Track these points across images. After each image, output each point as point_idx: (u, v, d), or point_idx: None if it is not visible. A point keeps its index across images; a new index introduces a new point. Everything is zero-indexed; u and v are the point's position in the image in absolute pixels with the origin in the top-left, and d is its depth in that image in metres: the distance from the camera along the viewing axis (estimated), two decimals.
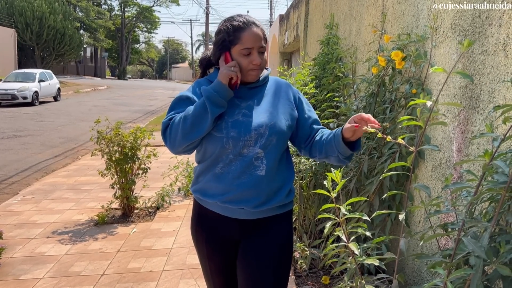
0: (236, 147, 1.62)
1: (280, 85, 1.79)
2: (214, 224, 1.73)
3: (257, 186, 1.63)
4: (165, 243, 3.87)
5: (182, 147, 1.63)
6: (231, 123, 1.63)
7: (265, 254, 1.70)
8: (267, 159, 1.63)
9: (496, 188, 1.26)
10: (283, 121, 1.69)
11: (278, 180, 1.69)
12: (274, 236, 1.73)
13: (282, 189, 1.71)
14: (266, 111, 1.68)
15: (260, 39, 1.65)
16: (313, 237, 3.45)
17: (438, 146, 1.94)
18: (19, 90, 16.15)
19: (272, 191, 1.68)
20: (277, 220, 1.74)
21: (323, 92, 4.09)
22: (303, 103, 1.79)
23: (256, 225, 1.71)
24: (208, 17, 37.58)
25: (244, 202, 1.64)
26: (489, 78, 1.85)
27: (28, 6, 27.97)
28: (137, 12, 50.80)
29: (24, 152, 8.03)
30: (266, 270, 1.69)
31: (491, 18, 1.86)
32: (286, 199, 1.73)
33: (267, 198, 1.67)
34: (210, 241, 1.76)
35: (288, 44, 10.32)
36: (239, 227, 1.70)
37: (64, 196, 5.32)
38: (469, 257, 1.25)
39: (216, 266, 1.79)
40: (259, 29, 1.66)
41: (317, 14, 6.00)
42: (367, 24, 3.54)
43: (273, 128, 1.64)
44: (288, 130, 1.70)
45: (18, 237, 3.94)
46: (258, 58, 1.64)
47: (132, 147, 4.35)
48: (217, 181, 1.66)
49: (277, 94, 1.75)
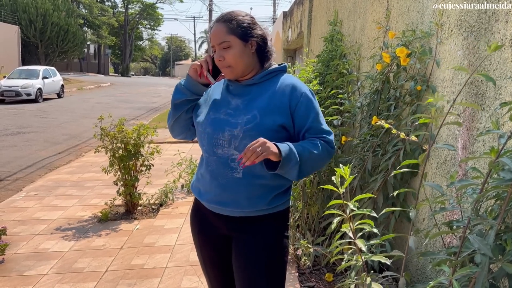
0: (210, 145, 1.64)
1: (282, 87, 1.65)
2: (206, 217, 1.77)
3: (234, 188, 1.62)
4: (168, 240, 3.87)
5: (170, 129, 1.84)
6: (211, 120, 1.67)
7: (253, 253, 1.67)
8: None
9: (502, 186, 1.25)
10: (266, 126, 1.58)
11: (257, 184, 1.62)
12: (261, 236, 1.67)
13: (263, 196, 1.63)
14: (249, 113, 1.61)
15: (218, 37, 1.61)
16: (316, 234, 3.45)
17: (453, 146, 1.92)
18: (22, 87, 16.21)
19: (251, 195, 1.62)
20: (265, 220, 1.68)
21: (327, 89, 4.07)
22: (301, 109, 1.62)
23: (244, 222, 1.68)
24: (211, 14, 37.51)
25: (223, 204, 1.66)
26: (495, 74, 1.84)
27: (32, 3, 28.04)
28: (141, 9, 50.82)
29: (28, 148, 8.05)
30: (255, 269, 1.66)
31: (498, 14, 1.84)
32: (267, 205, 1.65)
33: (246, 202, 1.62)
34: (201, 233, 1.81)
35: (291, 41, 10.29)
36: (226, 223, 1.71)
37: (67, 192, 5.33)
38: (475, 255, 1.24)
39: (208, 258, 1.82)
40: (221, 25, 1.62)
41: (321, 11, 5.98)
42: (372, 21, 3.52)
43: (248, 131, 1.57)
44: (270, 135, 1.56)
45: (22, 234, 3.95)
46: (217, 55, 1.63)
47: (136, 144, 4.35)
48: (201, 181, 1.73)
49: (273, 98, 1.63)
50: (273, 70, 1.70)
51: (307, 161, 1.58)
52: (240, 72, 1.65)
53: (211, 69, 1.69)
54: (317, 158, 1.61)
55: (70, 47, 30.98)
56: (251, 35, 1.63)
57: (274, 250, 1.69)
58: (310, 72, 4.32)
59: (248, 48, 1.64)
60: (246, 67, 1.65)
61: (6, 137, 9.10)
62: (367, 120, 3.06)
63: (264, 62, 1.70)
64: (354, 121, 3.41)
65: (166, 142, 8.73)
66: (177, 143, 8.53)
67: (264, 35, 1.69)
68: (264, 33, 1.70)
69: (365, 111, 3.17)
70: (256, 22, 1.69)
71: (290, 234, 3.32)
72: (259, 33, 1.67)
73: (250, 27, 1.64)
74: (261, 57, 1.69)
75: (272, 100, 1.62)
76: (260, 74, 1.68)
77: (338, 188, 1.56)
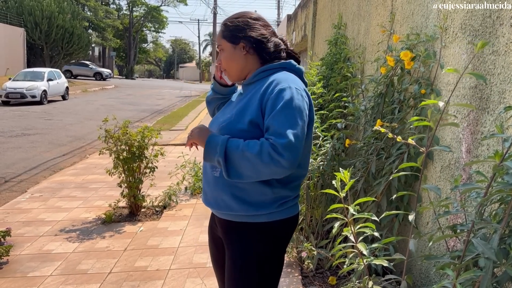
0: None
1: (263, 84, 1.56)
2: (212, 217, 1.81)
3: (214, 187, 1.62)
4: (171, 242, 3.88)
5: None
6: (211, 121, 1.76)
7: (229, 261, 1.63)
8: None
9: (506, 190, 1.25)
10: (238, 125, 1.53)
11: (229, 186, 1.56)
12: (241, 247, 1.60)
13: (236, 199, 1.55)
14: (229, 113, 1.63)
15: (217, 40, 1.68)
16: (320, 237, 3.44)
17: (449, 147, 1.92)
18: (28, 89, 16.28)
19: (227, 196, 1.56)
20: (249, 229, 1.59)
21: (331, 92, 4.08)
22: (269, 107, 1.48)
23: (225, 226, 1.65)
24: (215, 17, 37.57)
25: (209, 204, 1.67)
26: (499, 78, 1.84)
27: (37, 5, 28.17)
28: (145, 11, 50.97)
29: (33, 150, 8.08)
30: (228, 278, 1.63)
31: (502, 18, 1.84)
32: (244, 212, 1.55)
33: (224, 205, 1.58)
34: (209, 231, 1.86)
35: (295, 44, 10.30)
36: (219, 224, 1.71)
37: (72, 194, 5.35)
38: (479, 259, 1.24)
39: (213, 257, 1.86)
40: (219, 28, 1.68)
41: (325, 14, 5.99)
42: (376, 24, 3.52)
43: (222, 130, 1.56)
44: (242, 135, 1.50)
45: (26, 235, 3.97)
46: (217, 58, 1.71)
47: (140, 146, 4.36)
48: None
49: (253, 96, 1.57)
50: (266, 69, 1.61)
51: (238, 158, 1.45)
52: (235, 75, 1.66)
53: None
54: (252, 159, 1.42)
55: (75, 49, 31.08)
56: (239, 37, 1.60)
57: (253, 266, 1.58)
58: (314, 75, 4.33)
59: (239, 50, 1.61)
60: (240, 70, 1.63)
61: (11, 138, 9.14)
62: (371, 123, 3.06)
63: (268, 62, 1.63)
64: (358, 124, 3.41)
65: (170, 144, 8.75)
66: (181, 146, 8.54)
67: (260, 35, 1.61)
68: (262, 32, 1.62)
69: (369, 114, 3.17)
70: (254, 22, 1.62)
71: (294, 238, 3.32)
72: (252, 34, 1.60)
73: (238, 29, 1.60)
74: (263, 57, 1.63)
75: (251, 98, 1.57)
76: (254, 73, 1.63)
77: (339, 192, 1.56)
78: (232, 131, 1.52)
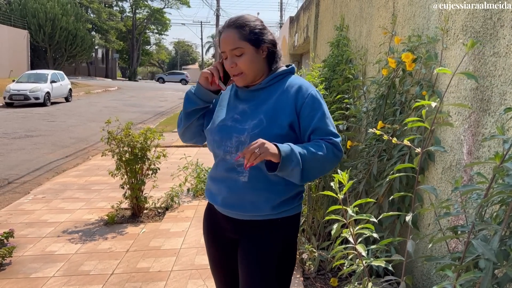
0: (219, 152, 1.65)
1: (288, 89, 1.63)
2: (217, 219, 1.77)
3: (240, 192, 1.61)
4: (174, 243, 3.88)
5: (180, 135, 1.84)
6: (219, 127, 1.66)
7: (254, 259, 1.64)
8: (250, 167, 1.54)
9: (506, 191, 1.25)
10: (274, 130, 1.56)
11: (262, 188, 1.59)
12: (264, 242, 1.64)
13: (269, 200, 1.60)
14: (255, 118, 1.59)
15: (230, 42, 1.59)
16: (321, 239, 3.44)
17: (445, 148, 1.92)
18: (31, 90, 16.36)
19: (255, 200, 1.60)
20: (271, 225, 1.64)
21: (333, 93, 4.08)
22: (307, 110, 1.59)
23: (249, 225, 1.66)
24: (218, 19, 37.67)
25: (230, 207, 1.65)
26: (500, 80, 1.84)
27: (41, 7, 28.31)
28: (148, 14, 51.10)
29: (36, 152, 8.12)
30: (254, 275, 1.64)
31: (503, 19, 1.84)
32: (272, 211, 1.61)
33: (251, 206, 1.61)
34: (211, 232, 1.81)
35: (298, 46, 10.31)
36: (234, 226, 1.70)
37: (74, 195, 5.37)
38: (479, 260, 1.24)
39: (214, 259, 1.83)
40: (233, 31, 1.60)
41: (327, 16, 5.99)
42: (378, 26, 3.53)
43: (255, 136, 1.53)
44: (278, 140, 1.52)
45: (29, 236, 3.99)
46: (227, 62, 1.62)
47: (142, 148, 4.38)
48: (212, 183, 1.74)
49: (281, 100, 1.61)
50: (280, 73, 1.68)
51: (310, 163, 1.51)
52: (251, 78, 1.65)
53: (222, 75, 1.69)
54: (322, 160, 1.53)
55: (78, 51, 31.23)
56: (263, 41, 1.63)
57: (276, 257, 1.64)
58: (316, 77, 4.33)
59: (260, 54, 1.63)
60: (258, 73, 1.65)
61: (15, 140, 9.18)
62: (372, 125, 3.06)
63: (272, 66, 1.69)
64: (360, 126, 3.41)
65: (173, 146, 8.77)
66: (183, 147, 8.56)
67: (274, 39, 1.68)
68: (274, 37, 1.69)
69: (370, 116, 3.17)
70: (266, 26, 1.68)
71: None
72: (270, 38, 1.66)
73: (261, 32, 1.63)
74: (270, 62, 1.68)
75: (278, 102, 1.61)
76: (267, 78, 1.67)
77: (337, 193, 1.57)
78: (268, 136, 1.52)
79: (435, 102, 1.37)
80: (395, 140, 1.43)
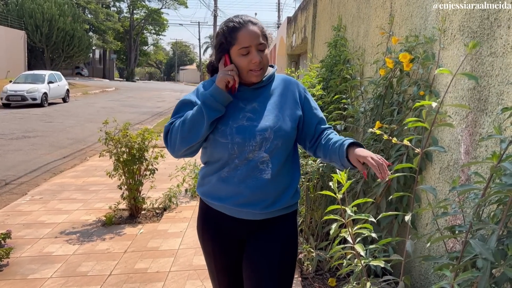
0: (242, 153, 1.61)
1: (287, 84, 1.75)
2: (220, 224, 1.74)
3: (264, 189, 1.63)
4: (172, 244, 3.88)
5: (181, 151, 1.65)
6: (236, 129, 1.61)
7: (268, 254, 1.69)
8: (272, 163, 1.62)
9: (504, 191, 1.25)
10: (289, 123, 1.66)
11: (283, 182, 1.68)
12: (277, 236, 1.72)
13: (288, 190, 1.70)
14: (271, 114, 1.65)
15: (257, 36, 1.60)
16: (319, 239, 3.44)
17: (444, 148, 1.93)
18: (28, 91, 16.32)
19: (278, 193, 1.67)
20: (282, 220, 1.74)
21: (331, 94, 4.09)
22: (309, 102, 1.76)
23: (262, 225, 1.71)
24: (216, 19, 37.66)
25: (252, 205, 1.64)
26: (497, 80, 1.84)
27: (38, 8, 28.25)
28: (146, 14, 51.07)
29: (33, 152, 8.10)
30: (267, 270, 1.68)
31: (500, 20, 1.85)
32: (291, 200, 1.72)
33: (274, 200, 1.66)
34: (216, 240, 1.76)
35: (295, 46, 10.32)
36: (245, 227, 1.71)
37: (72, 196, 5.36)
38: (477, 260, 1.24)
39: (221, 266, 1.79)
40: (256, 26, 1.62)
41: (325, 16, 6.00)
42: (375, 26, 3.53)
43: (278, 131, 1.62)
44: (293, 132, 1.68)
45: (26, 237, 3.98)
46: (257, 56, 1.59)
47: (140, 148, 4.37)
48: (224, 184, 1.66)
49: (284, 94, 1.72)
50: (274, 71, 1.77)
51: None
52: (264, 74, 1.70)
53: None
54: None
55: (75, 52, 31.18)
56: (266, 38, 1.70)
57: (288, 250, 1.74)
58: (314, 77, 4.34)
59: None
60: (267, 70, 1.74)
61: (12, 141, 9.16)
62: (370, 125, 3.06)
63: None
64: (358, 126, 3.41)
65: None
66: None
67: None
68: None
69: (368, 116, 3.18)
70: None
71: None
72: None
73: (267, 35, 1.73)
74: None
75: (283, 97, 1.71)
76: (268, 76, 1.72)
77: (336, 193, 1.57)
78: (286, 129, 1.65)
79: (435, 103, 1.37)
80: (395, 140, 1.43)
